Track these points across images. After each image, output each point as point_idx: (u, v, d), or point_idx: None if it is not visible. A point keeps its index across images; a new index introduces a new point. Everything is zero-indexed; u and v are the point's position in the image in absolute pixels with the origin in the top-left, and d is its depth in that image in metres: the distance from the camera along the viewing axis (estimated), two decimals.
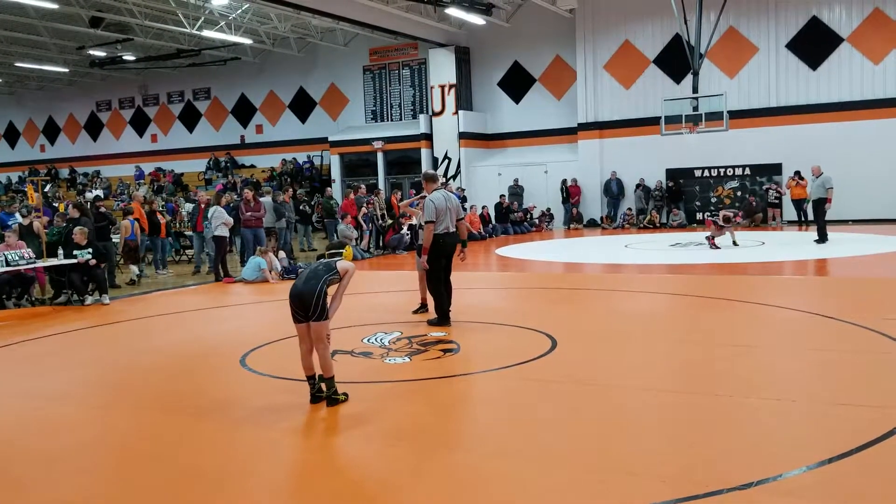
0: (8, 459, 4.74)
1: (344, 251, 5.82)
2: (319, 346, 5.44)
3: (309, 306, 5.36)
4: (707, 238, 16.03)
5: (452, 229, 8.38)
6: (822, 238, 15.48)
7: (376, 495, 4.00)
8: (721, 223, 15.90)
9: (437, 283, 8.31)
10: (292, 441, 4.94)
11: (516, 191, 25.28)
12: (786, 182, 21.90)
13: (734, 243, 15.81)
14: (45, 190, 29.07)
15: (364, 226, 18.12)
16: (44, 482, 4.32)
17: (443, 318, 8.33)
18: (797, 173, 20.50)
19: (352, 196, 18.77)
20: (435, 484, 4.08)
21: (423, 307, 9.16)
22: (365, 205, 18.34)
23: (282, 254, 14.72)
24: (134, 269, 14.12)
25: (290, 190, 18.81)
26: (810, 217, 15.85)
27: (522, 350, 7.02)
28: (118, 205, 28.73)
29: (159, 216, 15.54)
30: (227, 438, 4.96)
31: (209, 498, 4.03)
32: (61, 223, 13.82)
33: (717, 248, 15.50)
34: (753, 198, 22.55)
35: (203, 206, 15.48)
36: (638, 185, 23.99)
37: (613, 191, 24.55)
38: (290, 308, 5.49)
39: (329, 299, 5.50)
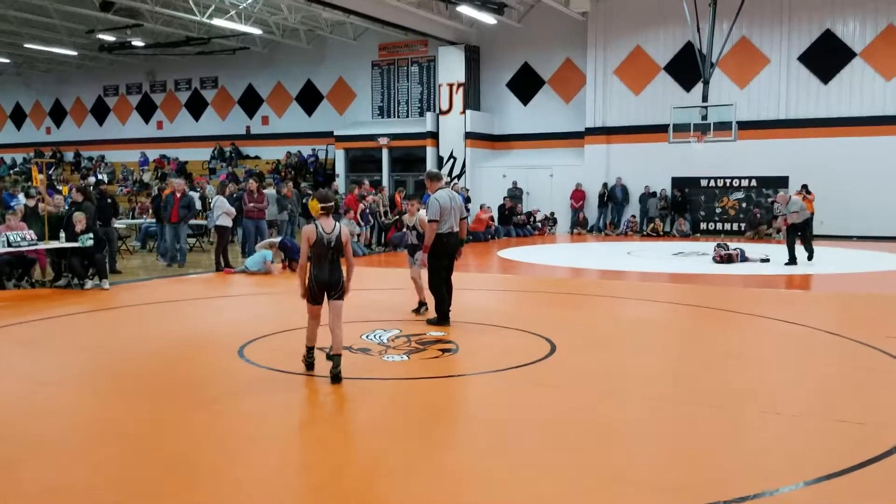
0: None
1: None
2: (339, 323, 5.98)
3: (337, 289, 6.00)
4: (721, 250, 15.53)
5: (456, 229, 8.35)
6: (792, 260, 14.43)
7: (368, 490, 3.97)
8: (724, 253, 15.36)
9: (439, 283, 8.28)
10: (286, 434, 4.91)
11: (515, 193, 25.18)
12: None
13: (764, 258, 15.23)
14: (49, 172, 29.03)
15: (361, 222, 18.06)
16: (35, 466, 4.29)
17: (442, 318, 8.29)
18: (804, 187, 20.39)
19: (356, 191, 18.73)
20: (426, 482, 4.05)
21: (422, 306, 9.12)
22: (362, 200, 18.27)
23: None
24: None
25: (299, 183, 18.76)
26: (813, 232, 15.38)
27: (521, 353, 6.99)
28: (121, 190, 28.75)
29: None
30: (221, 429, 4.93)
31: (199, 487, 4.00)
32: (62, 205, 13.75)
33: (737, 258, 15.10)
34: (758, 209, 22.49)
35: (179, 195, 15.11)
36: (653, 193, 23.87)
37: (618, 197, 24.49)
38: (315, 291, 5.97)
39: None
